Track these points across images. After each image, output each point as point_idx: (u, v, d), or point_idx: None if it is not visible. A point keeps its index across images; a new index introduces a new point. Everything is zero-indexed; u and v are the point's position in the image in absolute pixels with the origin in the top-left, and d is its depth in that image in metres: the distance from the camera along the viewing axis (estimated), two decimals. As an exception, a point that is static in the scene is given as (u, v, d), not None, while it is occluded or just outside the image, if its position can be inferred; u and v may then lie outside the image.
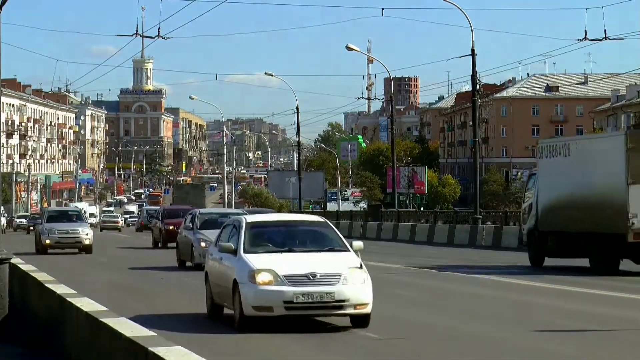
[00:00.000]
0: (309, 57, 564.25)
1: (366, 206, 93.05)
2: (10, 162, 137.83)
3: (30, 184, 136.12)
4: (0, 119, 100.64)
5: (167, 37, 53.59)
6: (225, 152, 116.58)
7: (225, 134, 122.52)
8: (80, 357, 11.37)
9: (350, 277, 14.69)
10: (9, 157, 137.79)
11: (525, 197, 32.42)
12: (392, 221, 56.74)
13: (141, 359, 8.32)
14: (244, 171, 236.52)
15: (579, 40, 53.60)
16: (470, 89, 50.86)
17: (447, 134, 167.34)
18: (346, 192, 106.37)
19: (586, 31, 52.57)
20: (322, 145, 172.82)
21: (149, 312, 17.66)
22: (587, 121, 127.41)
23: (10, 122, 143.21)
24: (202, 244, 29.17)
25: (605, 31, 51.94)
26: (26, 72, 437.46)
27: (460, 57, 50.33)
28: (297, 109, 76.30)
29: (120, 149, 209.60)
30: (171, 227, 43.66)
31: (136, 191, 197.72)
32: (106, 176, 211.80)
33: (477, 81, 48.62)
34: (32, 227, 78.03)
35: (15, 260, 17.54)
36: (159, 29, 53.21)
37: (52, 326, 13.59)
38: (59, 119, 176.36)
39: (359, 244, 15.81)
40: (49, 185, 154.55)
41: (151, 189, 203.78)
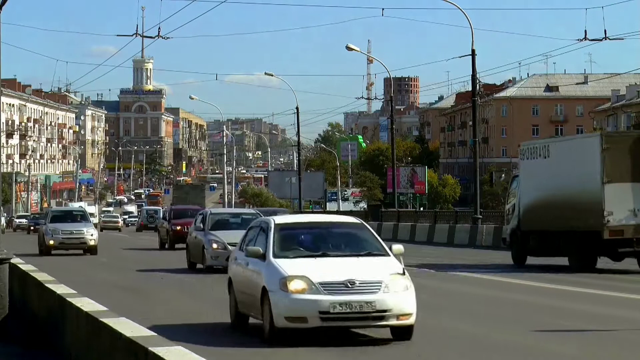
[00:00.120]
0: (309, 57, 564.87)
1: (366, 206, 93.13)
2: (10, 162, 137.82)
3: (30, 184, 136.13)
4: (0, 119, 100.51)
5: (167, 37, 53.76)
6: (225, 152, 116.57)
7: (225, 134, 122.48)
8: (80, 357, 11.37)
9: (392, 284, 13.51)
10: (9, 157, 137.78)
11: (508, 198, 33.54)
12: (392, 221, 56.74)
13: (141, 359, 8.32)
14: (244, 171, 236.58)
15: (579, 40, 53.76)
16: (470, 89, 50.89)
17: (447, 134, 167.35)
18: (346, 192, 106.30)
19: (586, 31, 52.78)
20: (322, 145, 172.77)
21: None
22: (587, 121, 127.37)
23: (10, 122, 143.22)
24: (214, 246, 28.14)
25: (605, 31, 52.09)
26: (26, 72, 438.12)
27: (460, 57, 50.50)
28: (297, 109, 76.37)
29: (120, 149, 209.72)
30: (179, 228, 42.81)
31: (136, 191, 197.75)
32: (106, 176, 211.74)
33: (477, 81, 48.65)
34: (32, 227, 77.98)
35: (15, 260, 17.53)
36: (159, 29, 53.46)
37: (52, 326, 13.58)
38: (59, 119, 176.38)
39: (399, 247, 14.55)
40: (49, 185, 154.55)
41: (151, 189, 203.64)
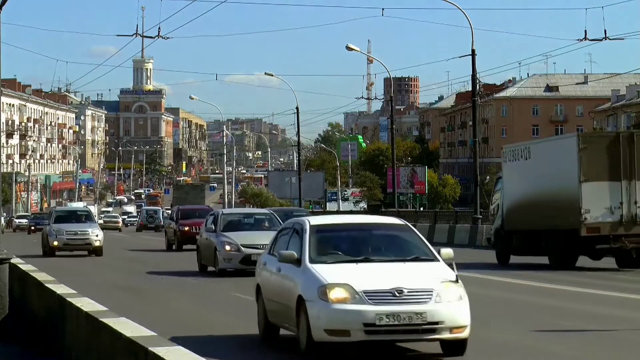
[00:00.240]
0: (309, 57, 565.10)
1: (366, 206, 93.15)
2: (10, 162, 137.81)
3: (30, 184, 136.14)
4: (0, 119, 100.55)
5: (167, 37, 53.77)
6: (225, 152, 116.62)
7: (225, 134, 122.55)
8: (80, 357, 11.36)
9: (444, 293, 12.18)
10: (9, 157, 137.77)
11: (493, 199, 34.77)
12: (392, 221, 56.56)
13: (141, 359, 8.31)
14: (244, 171, 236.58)
15: (579, 40, 53.75)
16: (470, 89, 50.87)
17: (447, 134, 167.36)
18: (346, 192, 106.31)
19: (586, 31, 52.76)
20: (322, 145, 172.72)
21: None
22: (587, 121, 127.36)
23: (10, 122, 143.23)
24: (227, 247, 27.25)
25: (605, 31, 52.08)
26: (26, 72, 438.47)
27: (460, 57, 50.48)
28: (297, 109, 76.31)
29: (120, 149, 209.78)
30: (187, 229, 42.22)
31: (136, 191, 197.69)
32: (106, 176, 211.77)
33: (477, 81, 48.63)
34: (33, 227, 77.93)
35: (15, 260, 17.52)
36: (159, 29, 53.46)
37: (52, 326, 13.57)
38: (59, 119, 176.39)
39: (449, 251, 13.32)
40: (49, 185, 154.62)
41: (151, 189, 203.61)
